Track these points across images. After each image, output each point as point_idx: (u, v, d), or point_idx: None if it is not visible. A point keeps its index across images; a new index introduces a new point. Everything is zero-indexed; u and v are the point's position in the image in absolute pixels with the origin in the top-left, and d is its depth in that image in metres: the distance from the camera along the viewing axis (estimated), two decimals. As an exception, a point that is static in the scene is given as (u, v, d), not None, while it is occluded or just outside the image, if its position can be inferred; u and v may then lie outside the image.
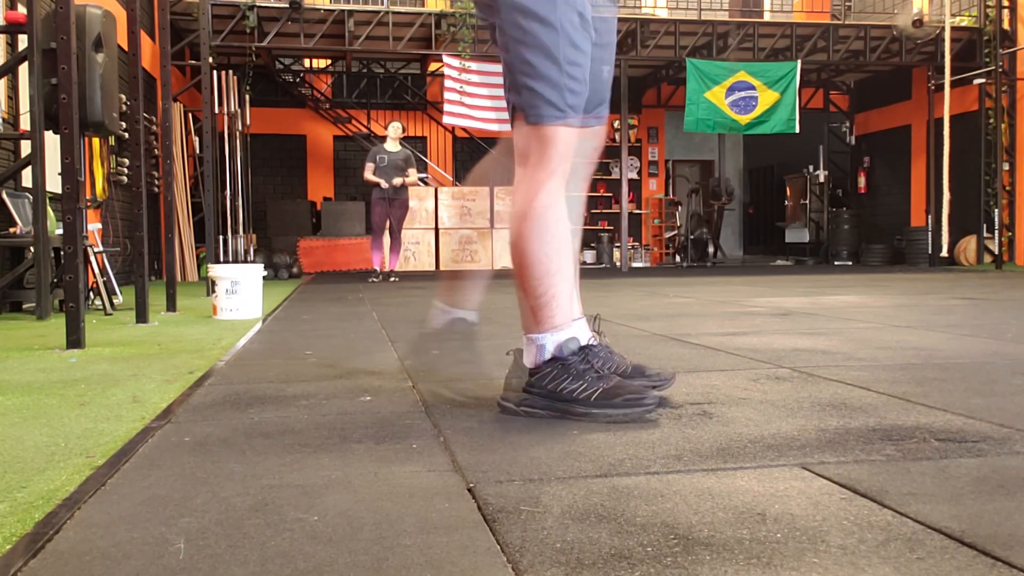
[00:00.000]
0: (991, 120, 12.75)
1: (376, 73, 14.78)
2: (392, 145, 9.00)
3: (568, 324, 1.86)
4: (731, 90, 12.41)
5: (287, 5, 11.02)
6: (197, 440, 1.67)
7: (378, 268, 9.23)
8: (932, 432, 1.66)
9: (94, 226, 6.95)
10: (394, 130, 9.06)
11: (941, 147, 12.17)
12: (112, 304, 5.44)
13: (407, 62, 14.19)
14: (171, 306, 5.36)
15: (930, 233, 13.10)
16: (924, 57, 13.31)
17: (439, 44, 11.75)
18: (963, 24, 13.20)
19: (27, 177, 5.96)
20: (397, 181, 8.86)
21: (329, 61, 14.29)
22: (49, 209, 5.30)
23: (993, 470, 1.38)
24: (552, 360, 1.83)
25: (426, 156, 15.05)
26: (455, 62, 11.52)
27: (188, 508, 1.23)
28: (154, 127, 9.81)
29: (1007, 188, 12.77)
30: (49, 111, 4.41)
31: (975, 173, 12.79)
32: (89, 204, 7.90)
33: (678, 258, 14.95)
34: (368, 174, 8.90)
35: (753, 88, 12.46)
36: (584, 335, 1.95)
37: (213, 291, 4.86)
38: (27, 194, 5.93)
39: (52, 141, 4.73)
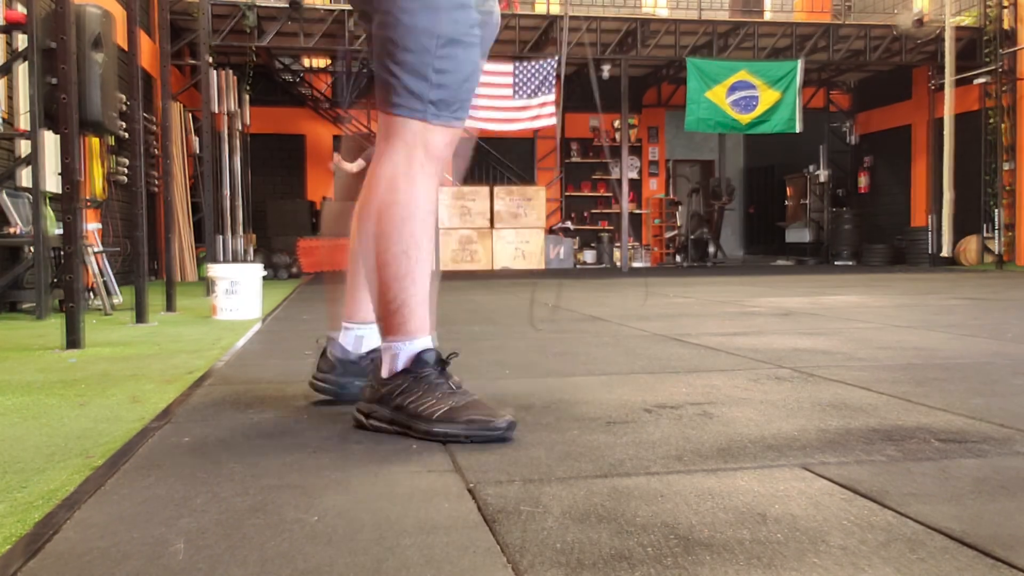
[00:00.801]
0: (992, 120, 12.75)
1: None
2: None
3: (423, 332, 1.74)
4: (732, 89, 12.41)
5: (287, 5, 11.02)
6: (196, 440, 1.66)
7: None
8: (933, 432, 1.65)
9: (93, 226, 6.94)
10: None
11: (942, 147, 12.17)
12: (111, 304, 5.43)
13: (407, 62, 14.18)
14: (170, 306, 5.36)
15: (931, 233, 13.11)
16: (925, 57, 13.31)
17: (438, 44, 11.75)
18: (964, 24, 13.19)
19: (27, 177, 5.96)
20: None
21: (329, 61, 14.28)
22: (48, 209, 5.30)
23: (994, 470, 1.38)
24: (404, 372, 1.72)
25: (426, 156, 15.04)
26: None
27: (188, 508, 1.23)
28: (153, 127, 9.81)
29: (1008, 188, 12.77)
30: (48, 110, 4.42)
31: (976, 173, 12.79)
32: (88, 204, 7.89)
33: (678, 258, 14.95)
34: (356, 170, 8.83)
35: (754, 87, 12.45)
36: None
37: (212, 291, 4.86)
38: (26, 194, 5.93)
39: (51, 141, 4.73)
